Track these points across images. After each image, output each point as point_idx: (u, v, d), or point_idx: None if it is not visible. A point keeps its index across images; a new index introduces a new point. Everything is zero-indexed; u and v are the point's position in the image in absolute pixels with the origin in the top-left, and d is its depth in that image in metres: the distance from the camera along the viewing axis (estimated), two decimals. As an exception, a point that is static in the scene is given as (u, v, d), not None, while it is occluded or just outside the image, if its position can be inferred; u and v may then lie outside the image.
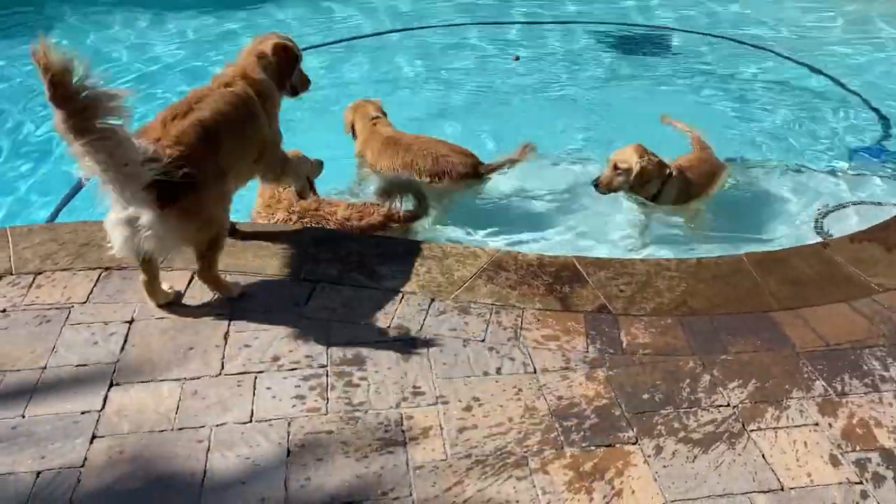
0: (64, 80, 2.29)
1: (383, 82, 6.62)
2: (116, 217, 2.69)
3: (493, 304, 3.12)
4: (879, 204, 4.70)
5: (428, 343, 2.90)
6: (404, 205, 4.03)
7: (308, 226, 3.79)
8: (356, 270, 3.28)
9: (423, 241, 3.79)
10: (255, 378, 2.69)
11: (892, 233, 3.79)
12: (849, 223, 4.40)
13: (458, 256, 3.43)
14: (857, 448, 2.52)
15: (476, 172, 4.61)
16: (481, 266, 3.35)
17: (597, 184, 4.42)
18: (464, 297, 3.15)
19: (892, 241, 3.68)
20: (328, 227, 3.82)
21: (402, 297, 3.13)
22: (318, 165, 4.00)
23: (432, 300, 3.13)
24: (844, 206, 4.68)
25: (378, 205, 3.98)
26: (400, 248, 3.47)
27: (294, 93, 3.42)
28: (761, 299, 3.21)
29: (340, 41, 7.48)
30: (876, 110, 6.25)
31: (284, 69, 3.28)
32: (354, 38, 7.61)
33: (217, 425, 2.50)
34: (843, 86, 6.71)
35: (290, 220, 3.83)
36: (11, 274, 3.14)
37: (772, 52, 7.53)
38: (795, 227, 4.53)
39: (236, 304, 3.03)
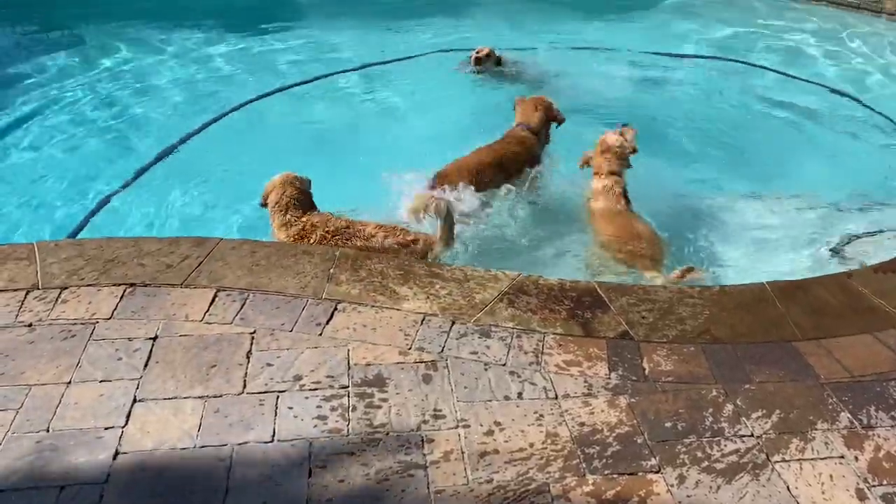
0: None
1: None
2: None
3: (514, 328, 3.11)
4: None
5: (449, 366, 2.89)
6: (430, 228, 4.06)
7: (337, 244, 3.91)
8: (377, 291, 3.29)
9: (444, 263, 3.81)
10: (277, 397, 2.70)
11: (916, 264, 3.76)
12: (873, 253, 4.36)
13: (479, 279, 3.43)
14: (885, 482, 2.48)
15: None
16: (502, 289, 3.35)
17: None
18: (485, 321, 3.15)
19: (917, 272, 3.65)
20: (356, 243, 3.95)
21: (424, 319, 3.13)
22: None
23: (453, 322, 3.13)
24: (868, 235, 4.64)
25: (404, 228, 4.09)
26: (421, 270, 3.48)
27: None
28: (784, 329, 3.19)
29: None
30: None
31: None
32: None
33: (239, 444, 2.50)
34: (872, 109, 6.72)
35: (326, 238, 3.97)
36: (38, 288, 3.18)
37: (786, 75, 7.60)
38: (817, 255, 4.50)
39: (258, 323, 3.05)
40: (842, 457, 2.57)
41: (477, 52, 7.16)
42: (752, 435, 2.65)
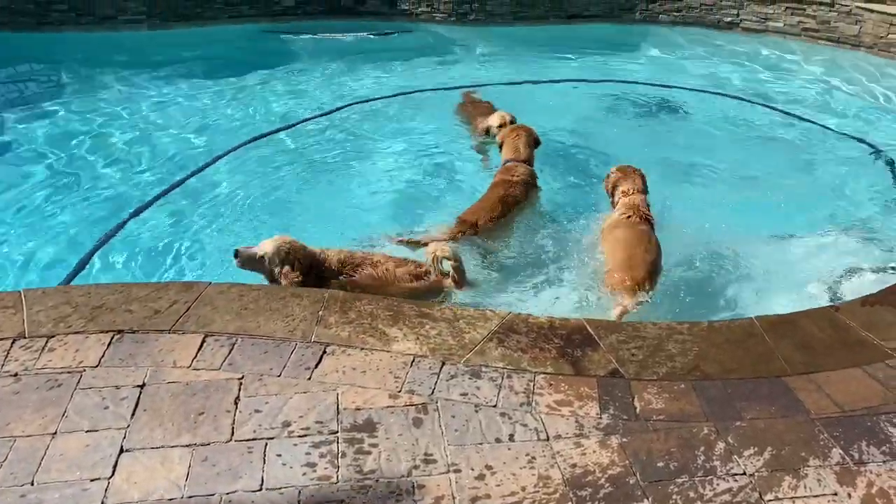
0: None
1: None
2: None
3: (504, 368, 3.10)
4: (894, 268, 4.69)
5: (440, 408, 2.88)
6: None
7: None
8: (367, 333, 3.28)
9: (433, 302, 3.81)
10: (266, 444, 2.67)
11: (904, 295, 3.78)
12: (862, 286, 4.39)
13: (469, 319, 3.43)
14: (878, 520, 2.47)
15: None
16: (492, 329, 3.35)
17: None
18: (475, 361, 3.14)
19: (905, 303, 3.67)
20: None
21: (413, 361, 3.12)
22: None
23: (443, 364, 3.12)
24: (859, 270, 4.66)
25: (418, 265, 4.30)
26: (411, 311, 3.47)
27: None
28: (774, 364, 3.19)
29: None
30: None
31: None
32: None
33: (227, 493, 2.47)
34: (863, 142, 6.84)
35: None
36: (24, 337, 3.15)
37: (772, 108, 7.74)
38: (806, 290, 4.52)
39: (247, 369, 3.02)
40: (835, 494, 2.56)
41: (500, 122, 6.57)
42: (744, 473, 2.64)
